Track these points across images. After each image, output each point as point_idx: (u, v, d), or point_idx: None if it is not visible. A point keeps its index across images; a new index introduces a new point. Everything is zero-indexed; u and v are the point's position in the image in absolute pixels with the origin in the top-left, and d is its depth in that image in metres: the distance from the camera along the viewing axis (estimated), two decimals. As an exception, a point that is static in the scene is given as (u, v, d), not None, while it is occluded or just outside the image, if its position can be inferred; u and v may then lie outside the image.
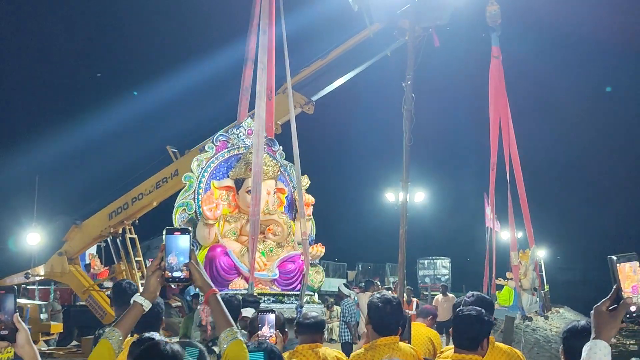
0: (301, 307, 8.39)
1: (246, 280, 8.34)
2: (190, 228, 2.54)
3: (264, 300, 8.25)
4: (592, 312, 2.02)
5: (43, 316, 12.90)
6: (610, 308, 1.98)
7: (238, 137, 9.72)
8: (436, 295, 20.01)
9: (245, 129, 9.76)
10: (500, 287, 20.64)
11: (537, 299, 18.31)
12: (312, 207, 9.67)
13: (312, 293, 9.21)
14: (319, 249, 9.27)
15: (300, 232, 9.03)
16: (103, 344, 2.27)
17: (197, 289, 12.57)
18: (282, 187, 9.71)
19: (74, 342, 14.25)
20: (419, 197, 24.26)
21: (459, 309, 3.66)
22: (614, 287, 1.98)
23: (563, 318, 28.02)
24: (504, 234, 35.21)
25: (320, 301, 8.68)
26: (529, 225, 16.89)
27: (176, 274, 2.41)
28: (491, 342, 3.74)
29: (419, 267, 34.74)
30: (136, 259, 12.97)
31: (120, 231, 12.55)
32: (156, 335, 2.84)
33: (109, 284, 13.28)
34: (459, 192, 47.65)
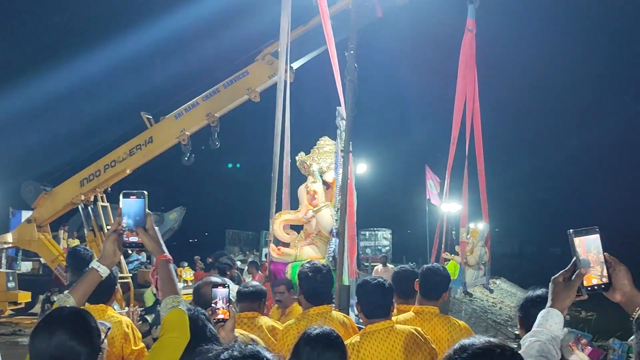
0: None
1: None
2: (145, 192, 2.45)
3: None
4: (550, 282, 2.11)
5: (10, 284, 12.57)
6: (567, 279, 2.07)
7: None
8: (376, 266, 20.31)
9: None
10: (447, 261, 21.24)
11: (484, 272, 18.76)
12: (319, 196, 9.00)
13: None
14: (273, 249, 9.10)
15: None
16: None
17: (140, 256, 12.43)
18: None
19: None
20: (361, 168, 24.52)
21: (364, 279, 3.76)
22: (573, 259, 2.06)
23: (500, 289, 28.95)
24: (445, 207, 36.11)
25: None
26: (484, 201, 17.22)
27: (133, 239, 2.39)
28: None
29: (360, 238, 35.21)
30: (108, 227, 12.68)
31: (92, 199, 12.24)
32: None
33: None
34: (401, 165, 48.30)
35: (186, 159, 11.52)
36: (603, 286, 2.02)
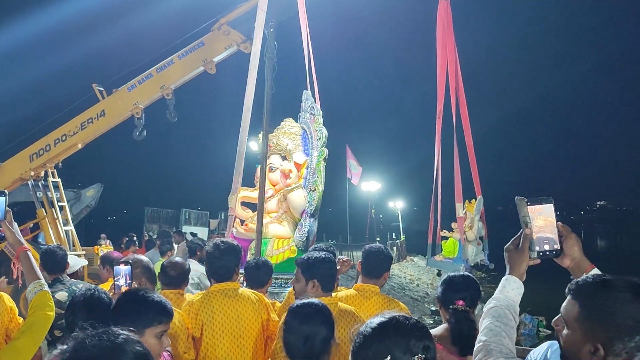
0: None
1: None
2: (6, 191, 2.90)
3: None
4: (504, 252, 2.22)
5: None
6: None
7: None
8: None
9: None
10: (444, 238, 20.84)
11: (482, 247, 18.32)
12: (294, 175, 9.02)
13: None
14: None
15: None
16: None
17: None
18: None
19: None
20: None
21: (315, 255, 3.77)
22: (521, 231, 2.17)
23: (417, 266, 29.13)
24: (364, 186, 35.88)
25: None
26: (475, 174, 16.73)
27: None
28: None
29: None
30: (59, 204, 12.14)
31: (42, 174, 11.68)
32: None
33: None
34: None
35: (137, 133, 10.94)
36: (555, 252, 2.15)
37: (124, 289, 3.28)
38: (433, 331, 2.99)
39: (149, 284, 3.91)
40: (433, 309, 18.67)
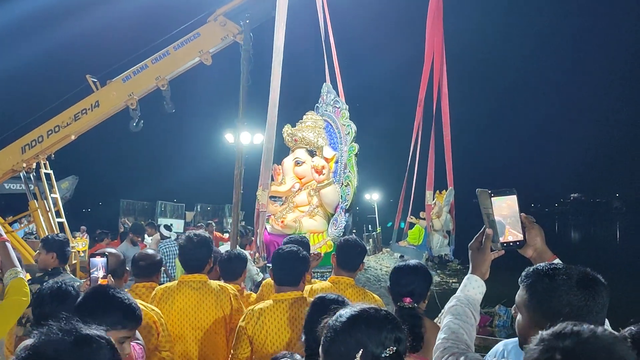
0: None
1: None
2: None
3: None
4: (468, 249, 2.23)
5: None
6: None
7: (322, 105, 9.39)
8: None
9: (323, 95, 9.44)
10: (411, 225, 20.93)
11: (449, 241, 18.38)
12: (326, 171, 8.88)
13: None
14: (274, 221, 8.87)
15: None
16: None
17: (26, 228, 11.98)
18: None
19: None
20: (258, 138, 23.91)
21: (278, 248, 3.81)
22: (483, 228, 2.18)
23: (392, 258, 29.15)
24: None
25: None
26: (449, 164, 16.84)
27: None
28: (307, 280, 4.20)
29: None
30: (52, 195, 12.03)
31: (34, 166, 11.55)
32: None
33: None
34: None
35: (134, 124, 10.88)
36: (518, 243, 2.15)
37: (101, 281, 3.24)
38: None
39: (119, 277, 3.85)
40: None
